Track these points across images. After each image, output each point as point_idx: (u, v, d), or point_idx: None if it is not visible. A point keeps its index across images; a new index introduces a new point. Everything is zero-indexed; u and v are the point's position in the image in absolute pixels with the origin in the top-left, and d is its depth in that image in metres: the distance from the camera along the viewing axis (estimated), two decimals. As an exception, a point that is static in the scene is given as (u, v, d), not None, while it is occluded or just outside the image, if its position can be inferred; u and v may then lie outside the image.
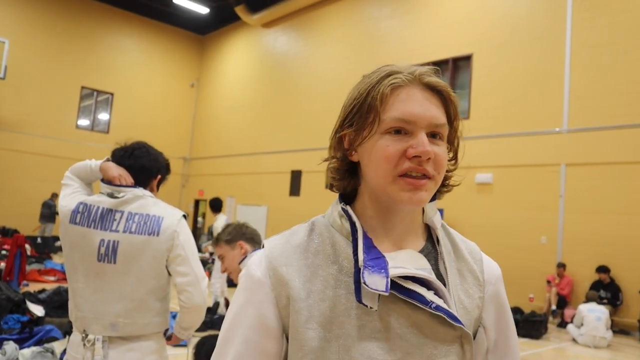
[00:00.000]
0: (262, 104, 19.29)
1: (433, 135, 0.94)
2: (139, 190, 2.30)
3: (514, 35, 12.01)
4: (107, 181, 2.28)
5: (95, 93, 20.57)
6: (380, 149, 0.92)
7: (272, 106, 18.75)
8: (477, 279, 1.02)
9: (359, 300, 0.88)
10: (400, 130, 0.92)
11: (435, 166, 0.92)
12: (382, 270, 0.88)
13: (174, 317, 5.41)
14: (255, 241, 2.72)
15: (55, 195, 16.66)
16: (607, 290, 9.76)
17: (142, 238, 2.18)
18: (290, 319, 0.92)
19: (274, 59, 19.24)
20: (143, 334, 2.16)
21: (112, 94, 20.84)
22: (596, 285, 9.93)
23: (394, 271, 0.89)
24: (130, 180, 2.29)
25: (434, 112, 0.93)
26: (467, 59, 12.86)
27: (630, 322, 9.66)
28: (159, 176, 2.44)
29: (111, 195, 2.25)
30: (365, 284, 0.86)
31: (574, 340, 8.83)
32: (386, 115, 0.92)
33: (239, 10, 19.11)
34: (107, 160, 2.34)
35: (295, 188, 17.03)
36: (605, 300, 9.62)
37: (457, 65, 13.05)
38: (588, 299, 9.24)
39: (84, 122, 20.40)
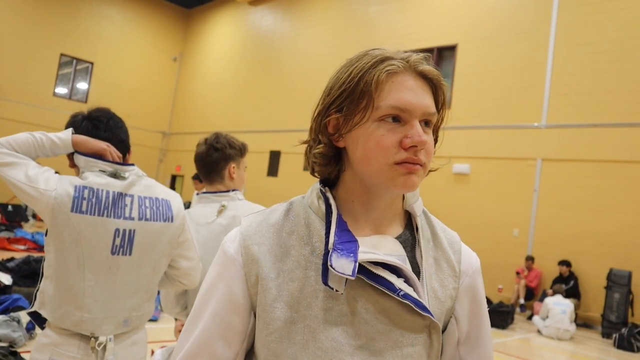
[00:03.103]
0: (245, 82, 19.12)
1: (425, 123, 0.94)
2: (137, 169, 2.06)
3: (499, 29, 12.06)
4: (97, 156, 1.96)
5: (74, 61, 20.16)
6: (375, 138, 0.90)
7: (255, 85, 18.60)
8: (453, 270, 1.01)
9: (325, 283, 0.88)
10: (396, 118, 0.91)
11: (426, 154, 0.92)
12: (351, 255, 0.87)
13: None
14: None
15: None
16: (566, 283, 9.98)
17: (158, 225, 2.00)
18: (258, 297, 0.93)
19: (260, 37, 19.04)
20: (144, 323, 2.05)
21: (92, 63, 20.44)
22: (557, 279, 10.18)
23: (363, 256, 0.88)
24: (119, 155, 2.01)
25: (427, 101, 0.93)
26: (452, 49, 12.89)
27: (593, 316, 9.91)
28: (131, 149, 2.15)
29: (115, 176, 1.96)
30: (332, 267, 0.86)
31: (538, 331, 9.03)
32: (381, 102, 0.90)
33: (226, -14, 18.83)
34: (72, 132, 1.97)
35: (273, 168, 16.99)
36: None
37: (442, 55, 13.07)
38: (554, 292, 9.44)
39: (61, 90, 20.01)
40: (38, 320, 1.90)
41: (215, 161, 2.45)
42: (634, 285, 9.39)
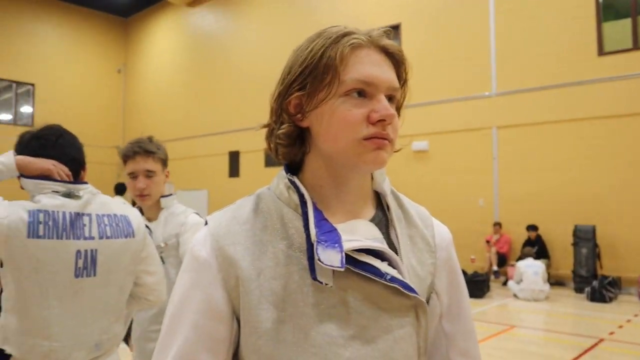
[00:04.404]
0: (194, 86, 18.82)
1: (389, 99, 0.91)
2: (91, 187, 1.97)
3: (440, 3, 12.18)
4: (45, 177, 1.85)
5: (14, 85, 19.47)
6: (341, 114, 0.88)
7: (205, 87, 18.33)
8: (428, 245, 0.99)
9: (314, 278, 0.85)
10: (361, 92, 0.88)
11: (393, 129, 0.90)
12: (336, 245, 0.85)
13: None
14: None
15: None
16: (534, 246, 10.18)
17: (120, 242, 1.93)
18: (241, 300, 0.87)
19: (203, 38, 18.75)
20: (115, 345, 1.97)
21: (33, 85, 19.76)
22: (526, 242, 10.40)
23: (347, 244, 0.86)
24: (68, 173, 1.90)
25: (392, 75, 0.92)
26: (396, 28, 12.95)
27: (564, 273, 10.18)
28: (85, 167, 2.04)
29: (68, 195, 1.86)
30: (320, 261, 0.83)
31: (515, 295, 9.23)
32: (347, 76, 0.88)
33: (162, -10, 18.45)
34: (14, 154, 1.88)
35: (234, 169, 16.83)
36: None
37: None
38: (524, 255, 9.63)
39: (5, 116, 19.30)
40: (2, 358, 1.78)
41: None
42: (599, 239, 9.67)
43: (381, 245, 0.90)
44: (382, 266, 0.88)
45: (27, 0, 19.61)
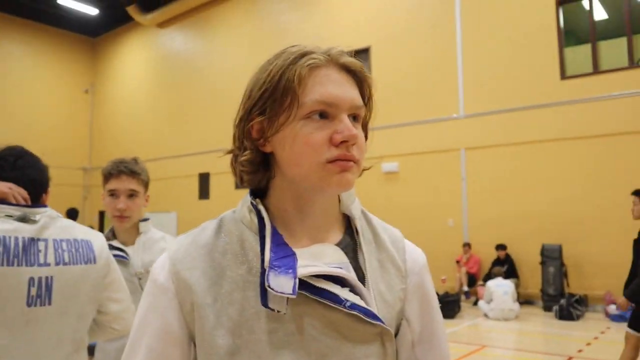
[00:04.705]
0: (164, 107, 18.67)
1: (353, 118, 0.89)
2: (51, 211, 1.87)
3: (408, 26, 12.43)
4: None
5: (-24, 105, 19.01)
6: (303, 137, 0.85)
7: (174, 109, 18.19)
8: (398, 270, 0.96)
9: (265, 305, 0.82)
10: (322, 114, 0.86)
11: (358, 150, 0.87)
12: (290, 271, 0.82)
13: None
14: None
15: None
16: (503, 265, 10.32)
17: (79, 268, 1.82)
18: (195, 325, 0.86)
19: (173, 59, 18.67)
20: None
21: (-4, 105, 19.34)
22: (495, 262, 10.54)
23: (303, 270, 0.83)
24: (26, 196, 1.80)
25: (354, 94, 0.89)
26: (365, 51, 13.12)
27: (533, 292, 10.32)
28: (48, 189, 1.95)
29: (23, 220, 1.76)
30: (270, 287, 0.80)
31: (485, 315, 9.30)
32: (306, 98, 0.85)
33: (131, 10, 18.29)
34: None
35: (204, 191, 16.67)
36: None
37: (356, 58, 13.25)
38: (494, 275, 9.74)
39: (-34, 137, 18.79)
40: None
41: None
42: (565, 258, 9.86)
43: (341, 270, 0.86)
44: (343, 292, 0.85)
45: (-9, 20, 19.28)
